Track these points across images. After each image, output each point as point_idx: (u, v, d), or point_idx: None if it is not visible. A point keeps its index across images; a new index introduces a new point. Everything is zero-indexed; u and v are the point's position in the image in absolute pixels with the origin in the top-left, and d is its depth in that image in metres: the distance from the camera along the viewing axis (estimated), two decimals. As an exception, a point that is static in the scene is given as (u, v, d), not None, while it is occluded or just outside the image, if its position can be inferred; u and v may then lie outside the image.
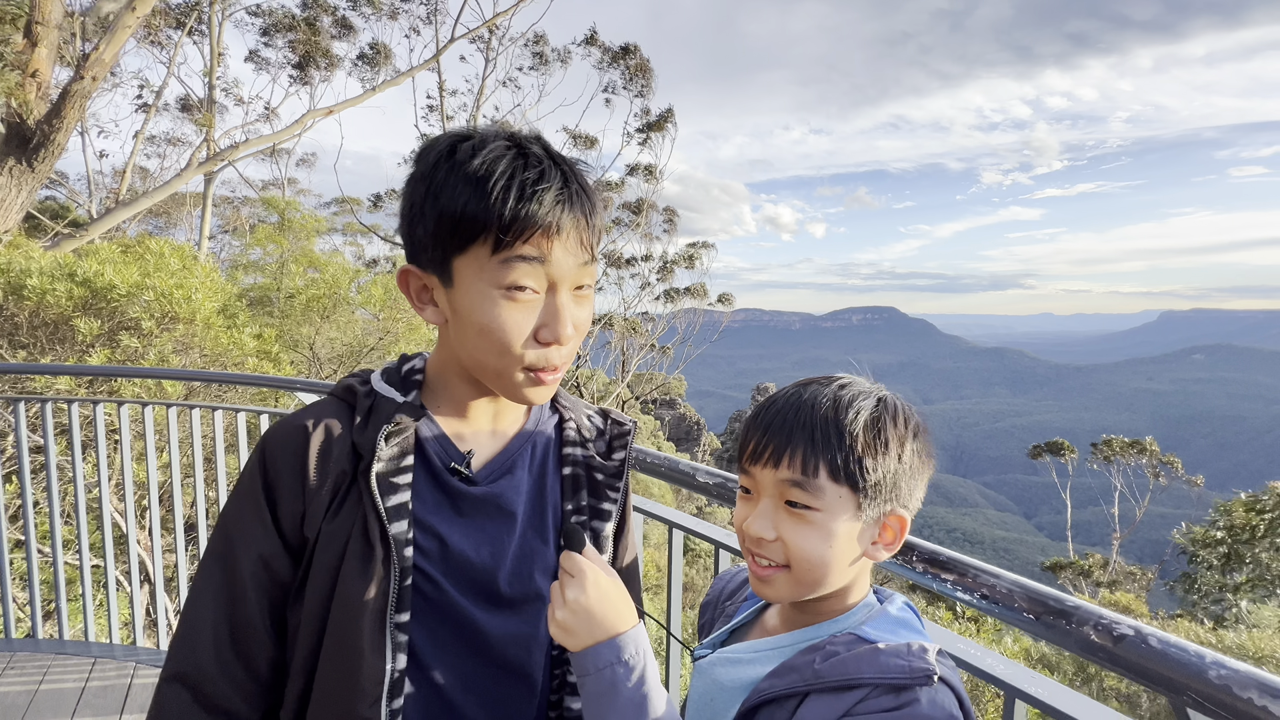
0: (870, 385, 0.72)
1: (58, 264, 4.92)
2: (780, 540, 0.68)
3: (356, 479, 0.74)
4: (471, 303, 0.71)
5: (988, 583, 0.79)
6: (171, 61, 12.93)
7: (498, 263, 0.69)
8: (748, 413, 0.75)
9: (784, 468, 0.67)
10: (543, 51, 16.76)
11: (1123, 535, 24.23)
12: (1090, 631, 0.68)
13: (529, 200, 0.68)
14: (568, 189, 0.71)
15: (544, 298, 0.72)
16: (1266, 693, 0.57)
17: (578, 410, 0.91)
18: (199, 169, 10.20)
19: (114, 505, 4.34)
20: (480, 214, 0.68)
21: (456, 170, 0.69)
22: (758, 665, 0.71)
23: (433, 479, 0.77)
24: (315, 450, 0.74)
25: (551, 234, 0.70)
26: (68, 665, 2.83)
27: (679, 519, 1.44)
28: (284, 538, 0.74)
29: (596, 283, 0.79)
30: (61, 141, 4.76)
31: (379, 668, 0.70)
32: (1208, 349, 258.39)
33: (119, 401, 2.93)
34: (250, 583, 0.73)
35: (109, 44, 4.94)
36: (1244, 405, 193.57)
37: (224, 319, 5.86)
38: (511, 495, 0.80)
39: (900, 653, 0.63)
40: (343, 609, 0.71)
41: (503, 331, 0.71)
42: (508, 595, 0.79)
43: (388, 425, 0.74)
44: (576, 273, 0.73)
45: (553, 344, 0.73)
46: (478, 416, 0.81)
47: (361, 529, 0.72)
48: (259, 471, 0.74)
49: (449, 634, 0.76)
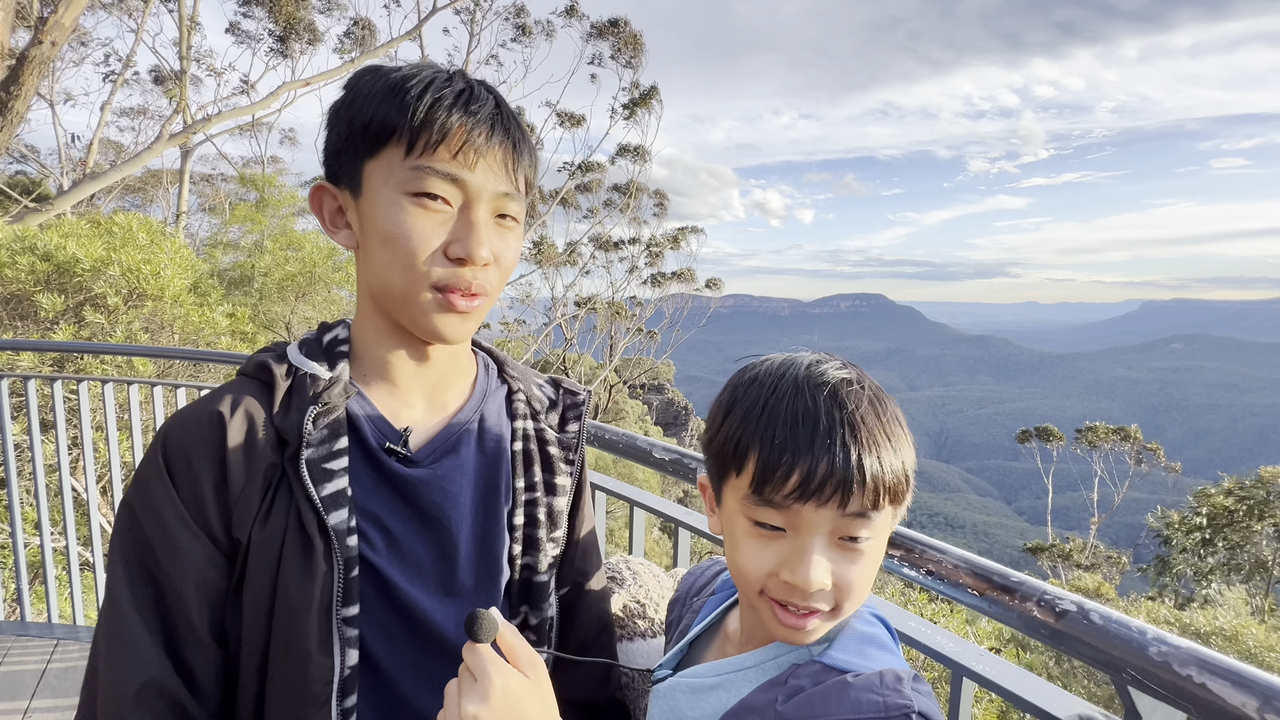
0: (856, 373, 0.63)
1: (17, 237, 4.76)
2: (836, 584, 0.59)
3: (285, 470, 0.67)
4: (378, 210, 0.67)
5: (934, 558, 0.76)
6: (140, 28, 12.49)
7: (408, 168, 0.65)
8: (736, 412, 0.62)
9: (852, 503, 0.57)
10: (525, 24, 16.42)
11: (1100, 520, 24.78)
12: (1033, 607, 0.65)
13: (451, 109, 0.65)
14: (499, 111, 0.68)
15: (457, 213, 0.67)
16: (1206, 669, 0.54)
17: (527, 380, 0.86)
18: (171, 141, 9.92)
19: (78, 484, 4.25)
20: (394, 115, 0.65)
21: (379, 79, 0.67)
22: (720, 692, 0.65)
23: (369, 461, 0.71)
24: (235, 442, 0.66)
25: (472, 148, 0.66)
26: (29, 646, 2.78)
27: (657, 504, 1.41)
28: (213, 540, 0.66)
29: (584, 265, 0.74)
30: (20, 110, 4.58)
31: (327, 667, 0.65)
32: (1186, 338, 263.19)
33: (79, 379, 2.84)
34: (189, 596, 0.64)
35: (68, 7, 4.74)
36: (1219, 394, 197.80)
37: (195, 297, 5.72)
38: (456, 476, 0.74)
39: (873, 686, 0.56)
40: (285, 610, 0.65)
41: (407, 239, 0.65)
42: (462, 584, 0.74)
43: (314, 406, 0.67)
44: (498, 199, 0.69)
45: (465, 262, 0.67)
46: (412, 388, 0.75)
47: (297, 523, 0.66)
48: (165, 470, 0.65)
49: (400, 626, 0.71)
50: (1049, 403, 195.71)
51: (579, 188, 19.14)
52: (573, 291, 19.37)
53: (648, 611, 0.93)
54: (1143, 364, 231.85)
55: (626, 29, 16.63)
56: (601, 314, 19.20)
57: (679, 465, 1.18)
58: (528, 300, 19.33)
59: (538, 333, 18.79)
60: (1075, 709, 0.73)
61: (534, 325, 19.36)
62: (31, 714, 2.40)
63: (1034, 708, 0.76)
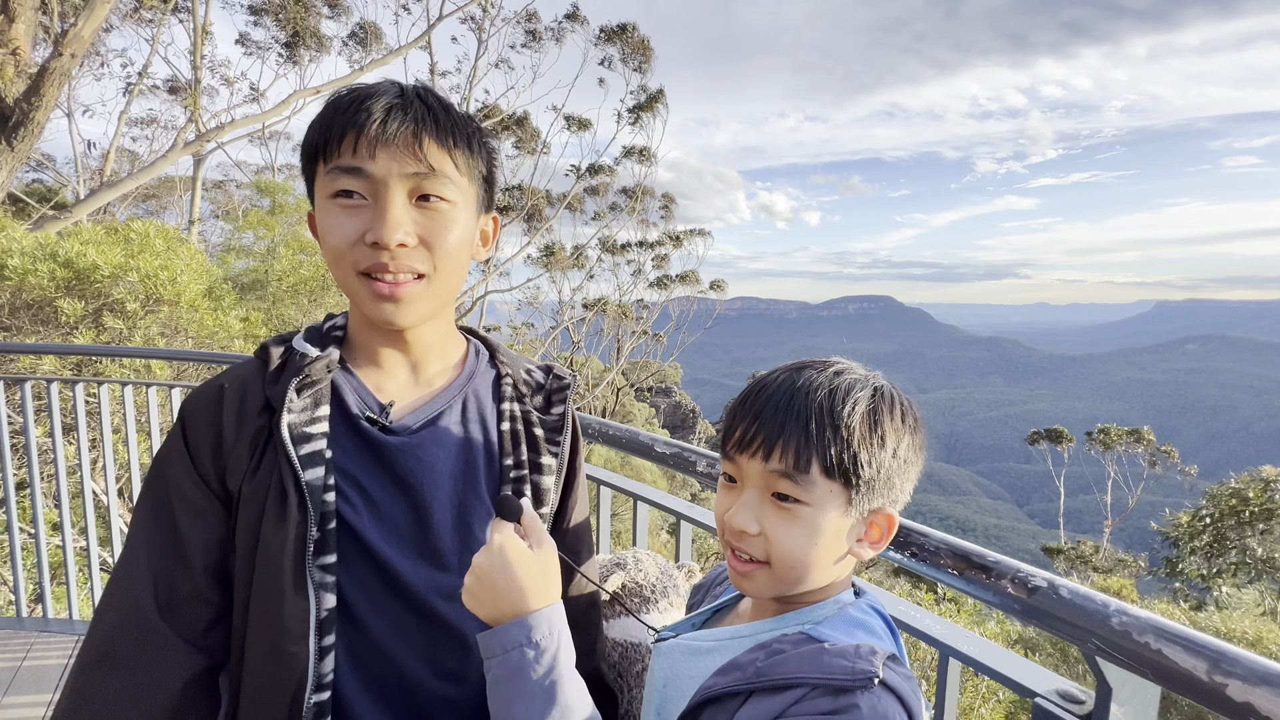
0: (865, 372, 0.68)
1: (39, 245, 4.87)
2: (763, 535, 0.65)
3: (273, 433, 0.76)
4: (318, 218, 0.76)
5: (917, 541, 0.80)
6: (155, 40, 12.72)
7: (325, 174, 0.74)
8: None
9: (774, 459, 0.63)
10: (536, 29, 16.56)
11: (1114, 523, 24.51)
12: (1008, 584, 0.69)
13: (345, 110, 0.72)
14: (401, 99, 0.74)
15: (371, 202, 0.74)
16: (1162, 637, 0.58)
17: (516, 366, 0.92)
18: (185, 149, 10.09)
19: (98, 486, 4.34)
20: (315, 133, 0.74)
21: (324, 107, 0.76)
22: (716, 655, 0.69)
23: (351, 429, 0.79)
24: (230, 408, 0.77)
25: (371, 140, 0.71)
26: (51, 642, 2.85)
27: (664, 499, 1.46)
28: (214, 494, 0.76)
29: (591, 268, 0.81)
30: (41, 120, 4.70)
31: (303, 606, 0.72)
32: (1201, 339, 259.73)
33: (99, 381, 2.93)
34: (187, 536, 0.74)
35: (88, 20, 4.86)
36: (1235, 395, 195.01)
37: (210, 301, 5.82)
38: (434, 448, 0.81)
39: (845, 653, 0.60)
40: (264, 554, 0.73)
41: (331, 234, 0.74)
42: (437, 549, 0.80)
43: (296, 378, 0.76)
44: (411, 180, 0.73)
45: (379, 245, 0.73)
46: (396, 367, 0.83)
47: (278, 478, 0.74)
48: (180, 433, 0.77)
49: (376, 579, 0.77)
50: (1061, 405, 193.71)
51: (586, 191, 19.23)
52: (580, 295, 19.46)
53: (644, 592, 0.98)
54: (1157, 365, 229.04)
55: (635, 34, 16.73)
56: (609, 316, 19.26)
57: (680, 459, 1.22)
58: (535, 304, 19.44)
59: (545, 336, 18.88)
60: (1053, 684, 0.77)
61: (541, 329, 19.45)
62: (56, 706, 2.48)
63: (1015, 683, 0.80)
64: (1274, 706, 0.51)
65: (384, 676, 0.77)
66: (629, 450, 1.35)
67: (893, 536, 0.68)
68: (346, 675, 0.75)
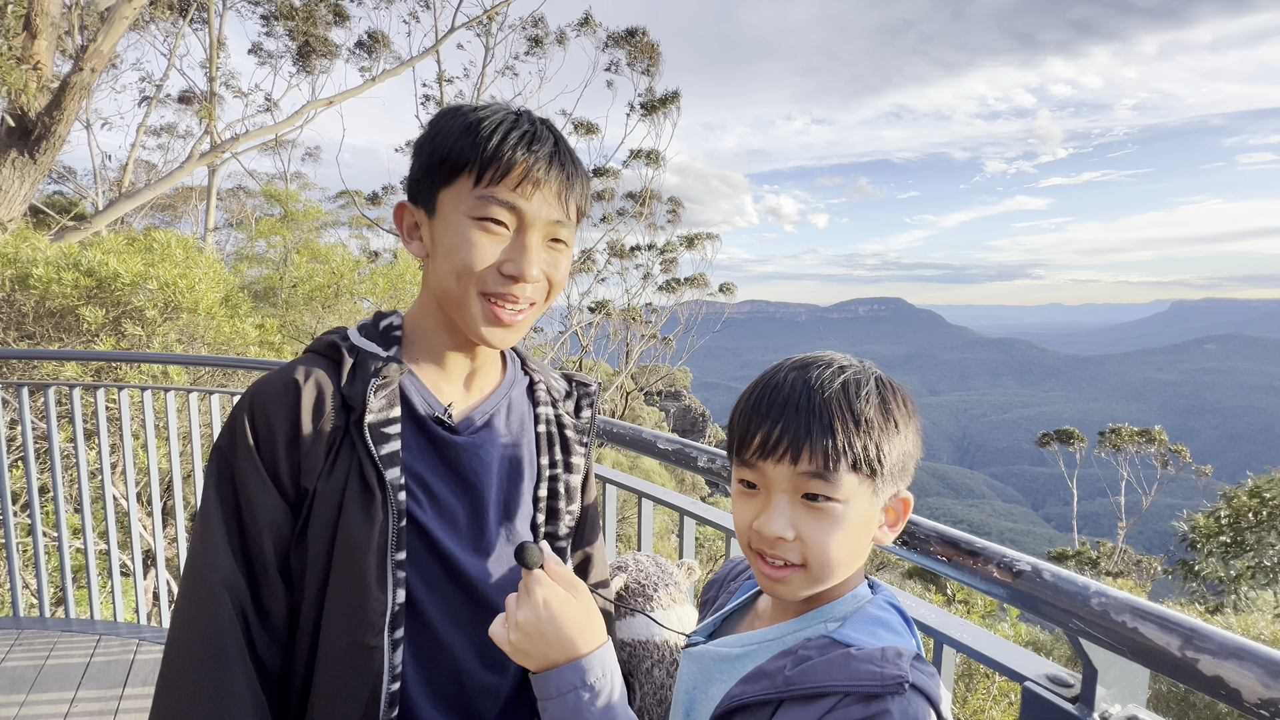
0: (860, 363, 0.70)
1: (63, 254, 5.00)
2: (799, 539, 0.65)
3: (349, 431, 0.78)
4: (447, 229, 0.78)
5: (908, 529, 0.83)
6: (172, 53, 12.98)
7: (475, 196, 0.76)
8: (741, 397, 0.71)
9: (804, 461, 0.63)
10: (540, 36, 16.71)
11: (1128, 525, 24.15)
12: (994, 569, 0.72)
13: (515, 147, 0.76)
14: (557, 149, 0.79)
15: (513, 236, 0.78)
16: (1138, 616, 0.61)
17: (546, 374, 0.98)
18: (201, 160, 10.28)
19: (118, 490, 4.44)
20: (467, 150, 0.76)
21: (458, 118, 0.79)
22: (746, 661, 0.70)
23: (418, 429, 0.82)
24: (308, 405, 0.77)
25: (531, 181, 0.76)
26: (73, 641, 2.92)
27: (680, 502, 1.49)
28: (280, 489, 0.77)
29: (599, 272, 0.85)
30: (62, 133, 4.82)
31: (383, 600, 0.75)
32: (1219, 339, 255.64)
33: (119, 386, 3.01)
34: (262, 533, 0.75)
35: (107, 35, 4.99)
36: (1255, 396, 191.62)
37: (226, 309, 5.93)
38: (490, 447, 0.86)
39: (873, 658, 0.61)
40: (347, 548, 0.75)
41: (468, 251, 0.77)
42: (492, 542, 0.85)
43: (375, 379, 0.78)
44: (551, 225, 0.79)
45: (516, 279, 0.78)
46: (455, 371, 0.87)
47: (359, 476, 0.76)
48: (248, 426, 0.76)
49: (439, 573, 0.81)
50: (1075, 406, 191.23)
51: (594, 194, 19.31)
52: (588, 299, 19.55)
53: (646, 590, 1.02)
54: (1173, 366, 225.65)
55: (644, 38, 16.83)
56: (616, 320, 19.32)
57: (681, 455, 1.25)
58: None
59: (554, 340, 18.97)
60: (1043, 669, 0.80)
61: (550, 333, 19.55)
62: (78, 703, 2.54)
63: (1006, 668, 0.83)
64: (1241, 679, 0.53)
65: (441, 666, 0.81)
66: (632, 448, 1.38)
67: (908, 517, 0.70)
68: (410, 666, 0.79)
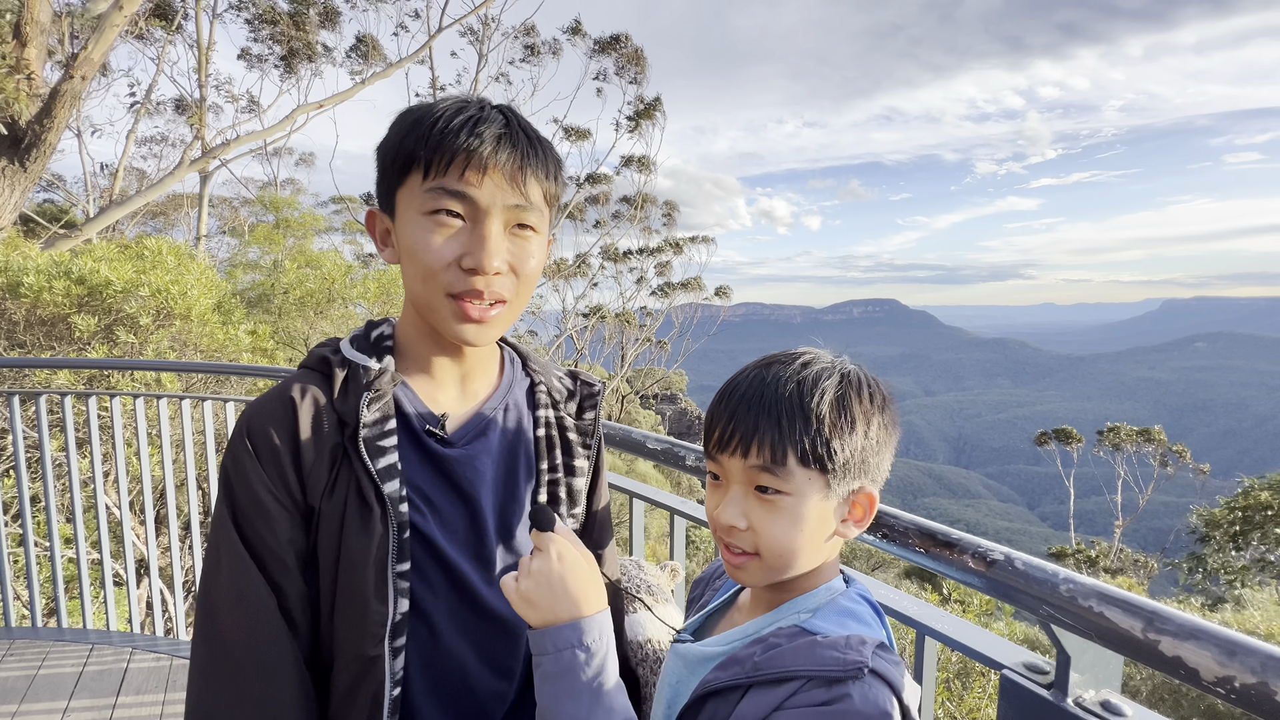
0: (833, 360, 0.71)
1: (54, 262, 4.98)
2: (751, 529, 0.68)
3: (346, 447, 0.77)
4: (405, 229, 0.76)
5: (888, 522, 0.85)
6: (160, 59, 12.96)
7: (424, 190, 0.74)
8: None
9: (753, 455, 0.66)
10: (534, 43, 16.77)
11: (1125, 523, 24.26)
12: (969, 559, 0.74)
13: (457, 133, 0.72)
14: (508, 129, 0.75)
15: (471, 227, 0.75)
16: (1104, 600, 0.63)
17: (548, 374, 0.95)
18: (191, 166, 10.26)
19: (110, 499, 4.42)
20: (414, 144, 0.73)
21: (409, 116, 0.76)
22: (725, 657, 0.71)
23: (413, 441, 0.81)
24: (305, 422, 0.76)
25: (479, 167, 0.73)
26: (66, 651, 2.90)
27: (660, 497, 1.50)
28: (294, 505, 0.76)
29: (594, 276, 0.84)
30: (53, 141, 4.82)
31: (382, 612, 0.75)
32: (1210, 337, 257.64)
33: (111, 394, 3.00)
34: (283, 549, 0.75)
35: (97, 43, 4.99)
36: (1246, 393, 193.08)
37: (219, 315, 5.92)
38: (484, 456, 0.84)
39: (837, 645, 0.63)
40: (348, 563, 0.75)
41: (425, 252, 0.74)
42: (492, 550, 0.84)
43: (369, 392, 0.77)
44: (510, 210, 0.75)
45: (476, 271, 0.74)
46: (447, 379, 0.85)
47: (357, 492, 0.76)
48: (249, 446, 0.75)
49: (442, 582, 0.81)
50: (1069, 405, 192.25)
51: (587, 200, 19.38)
52: (583, 303, 19.57)
53: (632, 591, 1.04)
54: (1166, 364, 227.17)
55: (628, 45, 16.90)
56: (611, 324, 19.36)
57: (670, 454, 1.27)
58: (538, 313, 19.57)
59: (549, 344, 18.97)
60: (1020, 657, 0.82)
61: (545, 337, 19.55)
62: (70, 713, 2.53)
63: (985, 657, 0.85)
64: (1199, 659, 0.55)
65: (447, 674, 0.81)
66: (622, 448, 1.40)
67: (875, 513, 0.71)
68: (415, 673, 0.79)
